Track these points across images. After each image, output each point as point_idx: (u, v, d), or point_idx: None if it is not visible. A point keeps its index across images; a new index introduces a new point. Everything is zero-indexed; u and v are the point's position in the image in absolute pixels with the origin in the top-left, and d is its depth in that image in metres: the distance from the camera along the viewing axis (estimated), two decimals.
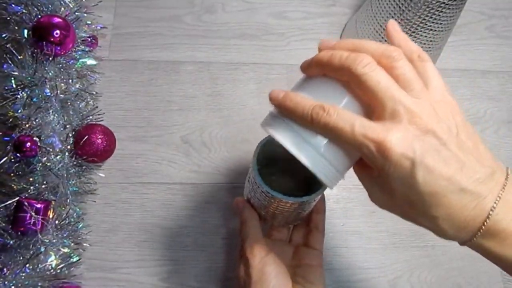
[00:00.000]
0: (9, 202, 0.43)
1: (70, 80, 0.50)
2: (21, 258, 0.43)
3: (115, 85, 0.59)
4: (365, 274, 0.52)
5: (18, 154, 0.44)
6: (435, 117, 0.28)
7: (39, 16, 0.48)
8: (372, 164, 0.29)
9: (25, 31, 0.48)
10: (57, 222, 0.46)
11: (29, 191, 0.45)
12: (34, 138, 0.45)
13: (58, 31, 0.47)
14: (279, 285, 0.39)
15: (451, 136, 0.28)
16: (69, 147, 0.49)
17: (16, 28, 0.48)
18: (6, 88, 0.45)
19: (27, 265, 0.42)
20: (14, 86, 0.45)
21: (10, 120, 0.46)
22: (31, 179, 0.45)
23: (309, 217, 0.45)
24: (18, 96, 0.45)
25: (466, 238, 0.29)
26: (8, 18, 0.48)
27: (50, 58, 0.48)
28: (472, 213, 0.28)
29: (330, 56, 0.30)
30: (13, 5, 0.48)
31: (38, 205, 0.44)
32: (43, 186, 0.45)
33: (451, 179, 0.27)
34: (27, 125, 0.45)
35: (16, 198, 0.44)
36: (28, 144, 0.44)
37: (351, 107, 0.30)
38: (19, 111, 0.45)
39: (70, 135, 0.49)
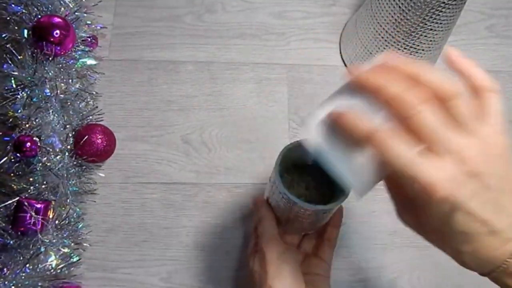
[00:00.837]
0: (9, 202, 0.43)
1: (70, 80, 0.50)
2: (21, 258, 0.43)
3: (115, 85, 0.59)
4: (365, 274, 0.52)
5: (18, 154, 0.44)
6: (484, 160, 0.28)
7: (39, 16, 0.48)
8: (412, 196, 0.29)
9: (25, 31, 0.48)
10: (57, 222, 0.46)
11: (29, 191, 0.45)
12: (34, 138, 0.45)
13: (58, 31, 0.47)
14: (296, 285, 0.39)
15: (495, 179, 0.28)
16: (69, 147, 0.49)
17: (16, 28, 0.48)
18: (6, 88, 0.45)
19: (27, 265, 0.42)
20: (14, 86, 0.45)
21: (10, 120, 0.46)
22: (31, 179, 0.45)
23: (324, 229, 0.46)
24: (18, 96, 0.45)
25: (485, 272, 0.30)
26: (8, 18, 0.48)
27: (50, 58, 0.48)
28: (496, 253, 0.29)
29: (386, 83, 0.29)
30: (13, 5, 0.48)
31: (38, 205, 0.44)
32: (43, 186, 0.45)
33: (487, 222, 0.28)
34: (27, 125, 0.45)
35: (16, 198, 0.44)
36: (28, 144, 0.44)
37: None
38: (19, 111, 0.45)
39: (70, 135, 0.49)
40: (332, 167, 0.31)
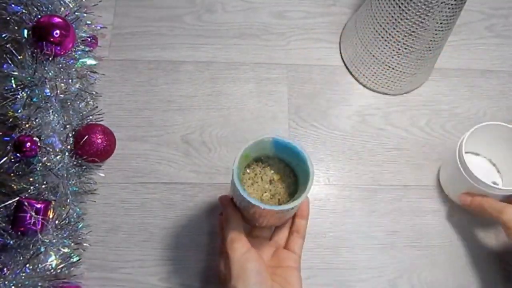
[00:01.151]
0: (9, 202, 0.43)
1: (70, 80, 0.50)
2: (21, 258, 0.43)
3: (115, 85, 0.59)
4: (365, 274, 0.52)
5: (18, 154, 0.44)
6: None
7: (39, 16, 0.48)
8: None
9: (25, 31, 0.48)
10: (57, 222, 0.45)
11: (29, 191, 0.45)
12: (34, 138, 0.45)
13: (58, 31, 0.47)
14: (260, 283, 0.39)
15: None
16: (69, 147, 0.49)
17: (16, 28, 0.48)
18: (6, 88, 0.45)
19: (27, 265, 0.42)
20: (14, 86, 0.45)
21: (10, 120, 0.45)
22: (31, 179, 0.45)
23: (292, 221, 0.46)
24: (18, 96, 0.45)
25: None
26: (8, 18, 0.48)
27: (50, 58, 0.48)
28: None
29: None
30: (13, 5, 0.48)
31: (38, 205, 0.44)
32: (43, 186, 0.45)
33: None
34: (27, 125, 0.45)
35: (16, 198, 0.44)
36: (28, 144, 0.44)
37: None
38: (19, 111, 0.45)
39: (70, 135, 0.49)
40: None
